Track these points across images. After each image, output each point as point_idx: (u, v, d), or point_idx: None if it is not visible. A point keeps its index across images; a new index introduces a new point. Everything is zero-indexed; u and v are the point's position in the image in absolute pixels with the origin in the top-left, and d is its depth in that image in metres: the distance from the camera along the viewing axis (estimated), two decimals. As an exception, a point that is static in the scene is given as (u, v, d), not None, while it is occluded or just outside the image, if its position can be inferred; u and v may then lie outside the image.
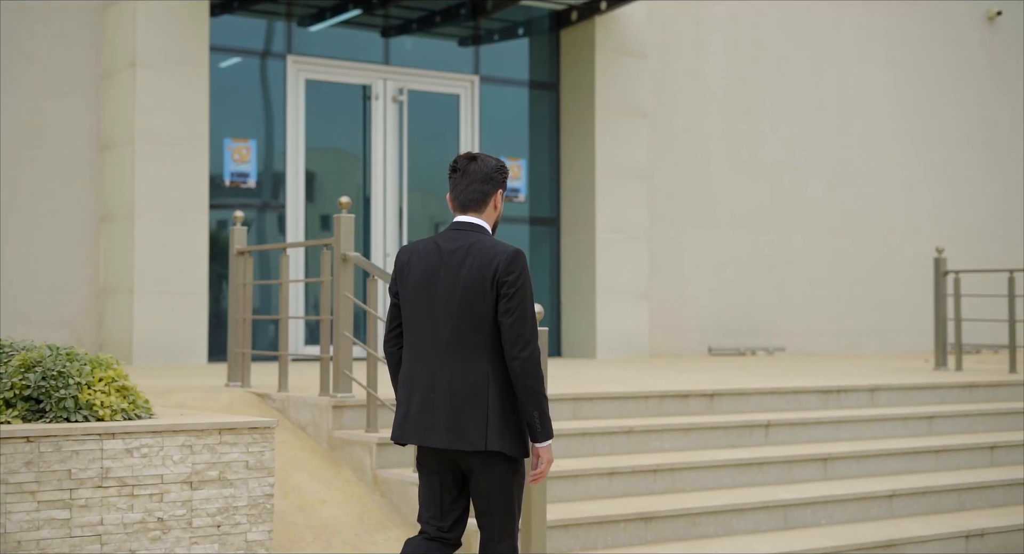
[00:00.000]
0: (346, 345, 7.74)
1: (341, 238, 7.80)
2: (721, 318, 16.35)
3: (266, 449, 5.49)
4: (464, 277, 4.69)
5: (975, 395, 10.44)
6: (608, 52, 14.88)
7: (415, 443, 4.76)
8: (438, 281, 4.73)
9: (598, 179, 14.77)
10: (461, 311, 4.68)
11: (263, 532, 5.50)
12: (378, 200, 13.99)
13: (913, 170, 18.17)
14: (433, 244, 4.81)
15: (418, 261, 4.80)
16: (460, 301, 4.68)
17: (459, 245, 4.75)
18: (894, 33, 18.11)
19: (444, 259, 4.74)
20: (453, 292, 4.70)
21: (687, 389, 8.99)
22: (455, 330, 4.68)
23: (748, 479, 8.08)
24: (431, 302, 4.73)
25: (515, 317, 4.64)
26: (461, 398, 4.65)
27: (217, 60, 13.00)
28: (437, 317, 4.72)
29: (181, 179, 12.39)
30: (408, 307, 4.81)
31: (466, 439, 4.63)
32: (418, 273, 4.78)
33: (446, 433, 4.65)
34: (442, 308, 4.71)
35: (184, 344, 12.34)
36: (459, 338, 4.68)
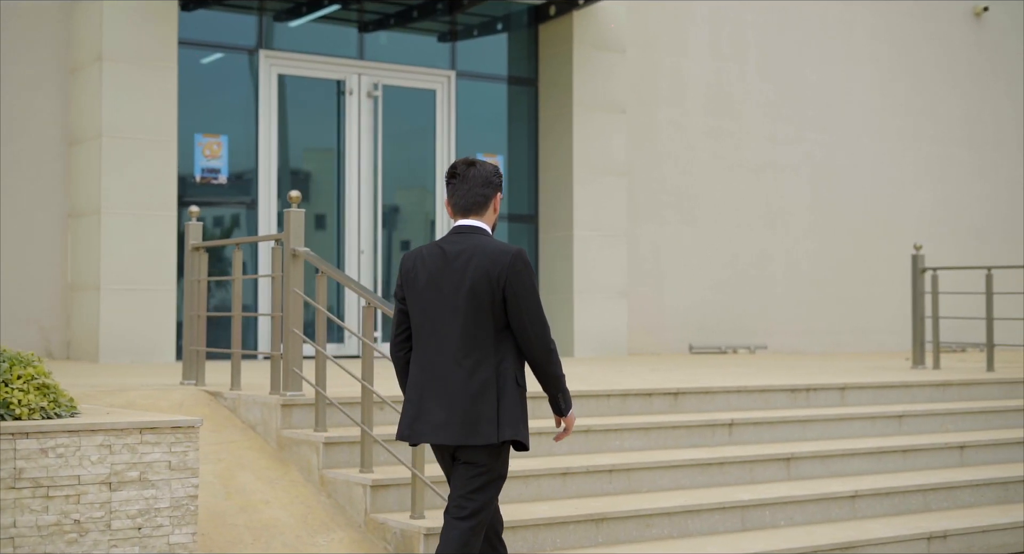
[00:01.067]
0: (296, 343, 7.58)
1: (291, 233, 7.64)
2: (702, 316, 16.19)
3: (190, 449, 5.34)
4: (470, 277, 4.88)
5: (948, 394, 10.28)
6: (586, 47, 14.72)
7: (427, 442, 4.96)
8: (444, 283, 4.92)
9: (576, 176, 14.61)
10: (468, 310, 4.88)
11: (186, 534, 5.34)
12: (352, 196, 13.82)
13: (898, 168, 18.00)
14: (437, 248, 4.99)
15: (423, 266, 4.98)
16: (467, 300, 4.88)
17: (463, 247, 4.94)
18: (879, 29, 17.93)
19: (449, 262, 4.93)
20: (459, 292, 4.89)
21: (650, 388, 8.83)
22: (463, 329, 4.88)
23: (707, 480, 7.92)
24: (439, 304, 4.93)
25: (528, 316, 4.89)
26: (472, 396, 4.86)
27: (187, 55, 12.84)
28: (445, 318, 4.91)
29: (149, 175, 12.24)
30: (416, 310, 4.99)
31: (478, 434, 4.85)
32: (424, 277, 4.97)
33: (458, 429, 4.86)
34: (450, 309, 4.90)
35: (151, 342, 12.18)
36: (467, 336, 4.88)
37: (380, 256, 13.88)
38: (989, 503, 8.59)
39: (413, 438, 5.00)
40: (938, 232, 18.14)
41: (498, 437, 4.85)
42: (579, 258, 14.60)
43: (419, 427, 4.96)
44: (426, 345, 4.96)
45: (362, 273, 13.80)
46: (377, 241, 13.88)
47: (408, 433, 5.00)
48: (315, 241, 13.95)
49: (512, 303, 4.88)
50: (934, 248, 17.61)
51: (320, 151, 13.95)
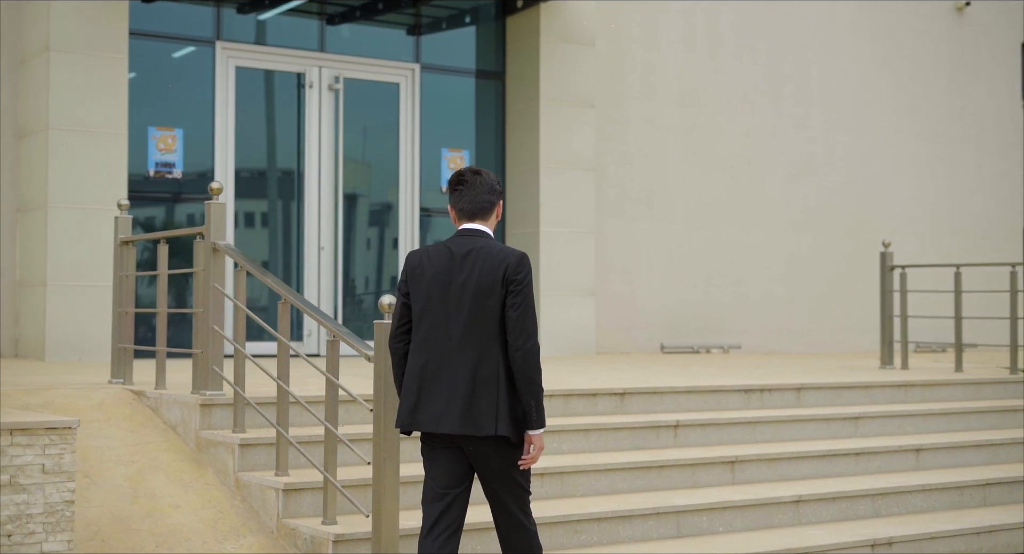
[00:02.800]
0: (216, 340, 7.29)
1: (212, 226, 7.36)
2: (674, 315, 15.89)
3: (66, 451, 5.05)
4: (477, 277, 5.10)
5: (909, 395, 9.98)
6: (553, 40, 14.42)
7: (426, 430, 5.12)
8: (451, 281, 5.13)
9: (542, 171, 14.31)
10: (473, 308, 5.09)
11: (62, 542, 5.05)
12: (312, 192, 13.52)
13: (877, 164, 17.69)
14: (444, 248, 5.22)
15: (430, 263, 5.19)
16: (473, 299, 5.10)
17: (471, 248, 5.17)
18: (860, 24, 17.63)
19: (456, 260, 5.16)
20: (466, 290, 5.11)
21: (595, 388, 8.53)
22: (467, 326, 5.09)
23: (646, 484, 7.62)
24: (445, 300, 5.13)
25: (520, 311, 5.08)
26: (474, 388, 5.05)
27: (141, 46, 12.54)
28: (450, 314, 5.11)
29: (98, 169, 11.93)
30: (420, 305, 5.17)
31: (478, 425, 5.03)
32: (431, 273, 5.17)
33: (458, 420, 5.04)
34: (455, 305, 5.11)
35: (99, 339, 11.82)
36: (471, 333, 5.09)
37: (341, 253, 13.58)
38: (942, 508, 8.30)
39: (413, 427, 5.15)
40: (917, 230, 17.85)
41: (496, 430, 5.02)
42: (545, 255, 14.30)
43: (419, 417, 5.12)
44: (429, 338, 5.14)
45: (322, 270, 13.50)
46: (338, 238, 13.58)
47: (408, 421, 5.15)
48: (274, 238, 13.66)
49: (511, 303, 5.08)
50: (913, 246, 17.33)
51: (279, 145, 13.64)
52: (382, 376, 5.78)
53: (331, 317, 6.21)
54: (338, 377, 6.26)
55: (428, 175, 14.23)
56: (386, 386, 5.78)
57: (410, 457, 7.11)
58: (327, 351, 6.29)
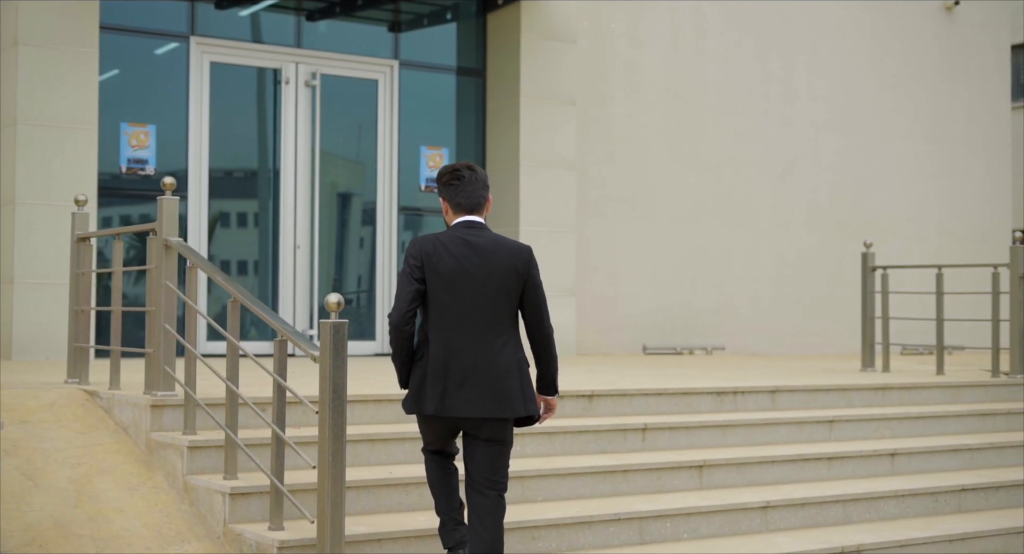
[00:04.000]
0: (168, 339, 7.10)
1: (164, 223, 7.15)
2: (657, 316, 15.70)
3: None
4: (499, 267, 5.42)
5: (887, 398, 9.79)
6: (534, 37, 14.23)
7: (460, 415, 5.41)
8: (473, 271, 5.40)
9: (522, 169, 14.12)
10: (496, 296, 5.41)
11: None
12: (288, 190, 13.33)
13: (865, 164, 17.51)
14: (458, 238, 5.46)
15: (447, 252, 5.42)
16: (497, 287, 5.41)
17: (486, 240, 5.49)
18: (847, 22, 17.44)
19: (476, 250, 5.43)
20: (490, 280, 5.41)
21: (563, 390, 8.31)
22: (489, 313, 5.41)
23: (610, 488, 7.43)
24: (468, 288, 5.40)
25: (542, 298, 5.54)
26: (501, 373, 5.40)
27: (110, 40, 12.34)
28: (476, 301, 5.40)
29: (67, 165, 11.75)
30: (440, 292, 5.41)
31: (509, 408, 5.42)
32: (451, 262, 5.41)
33: (492, 404, 5.40)
34: (478, 294, 5.40)
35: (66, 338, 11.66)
36: (492, 320, 5.41)
37: (317, 251, 13.38)
38: (915, 515, 8.10)
39: (445, 412, 5.40)
40: (905, 231, 17.68)
41: (524, 411, 5.45)
42: (525, 255, 14.08)
43: (450, 402, 5.40)
44: (452, 325, 5.41)
45: (298, 269, 13.31)
46: (314, 236, 13.38)
47: (440, 407, 5.41)
48: (250, 236, 13.48)
49: (530, 292, 5.49)
50: (901, 247, 17.16)
51: (255, 142, 13.45)
52: (327, 377, 5.57)
53: (279, 316, 6.01)
54: (286, 378, 6.06)
55: (407, 173, 14.05)
56: (334, 388, 5.57)
57: (358, 461, 6.94)
58: (275, 351, 6.10)
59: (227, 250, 13.36)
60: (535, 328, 5.56)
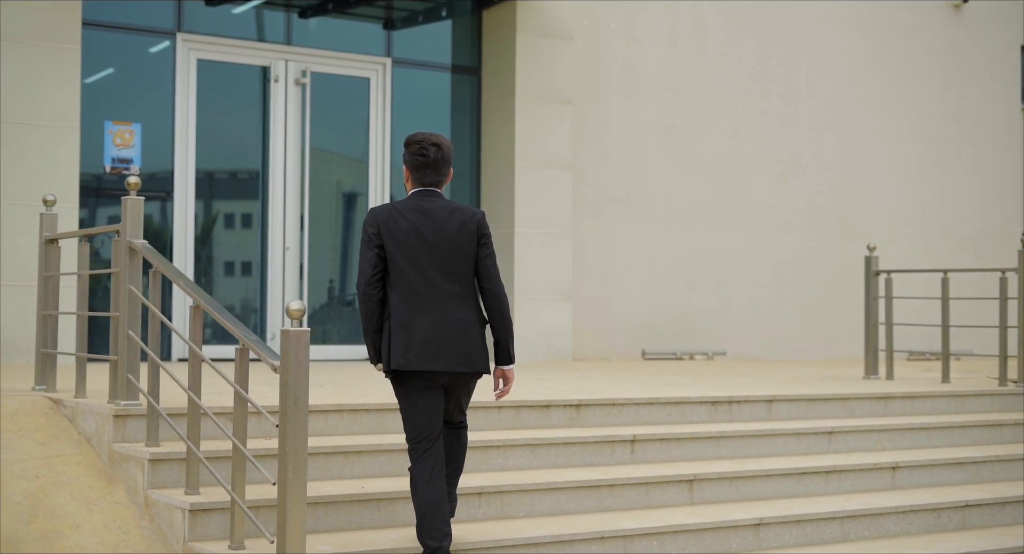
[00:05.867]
0: (132, 346, 6.78)
1: (128, 224, 6.84)
2: (656, 320, 15.36)
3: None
4: (454, 229, 5.71)
5: (890, 408, 9.44)
6: (529, 34, 13.90)
7: (423, 369, 5.65)
8: (428, 234, 5.69)
9: (517, 169, 13.79)
10: (452, 257, 5.72)
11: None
12: (278, 190, 13.01)
13: (867, 165, 17.14)
14: (412, 204, 5.75)
15: (403, 218, 5.71)
16: (451, 250, 5.71)
17: (439, 205, 5.75)
18: (850, 20, 17.08)
19: (430, 215, 5.71)
20: (445, 241, 5.70)
21: (550, 399, 8.01)
22: (446, 274, 5.71)
23: (595, 504, 7.09)
24: (425, 250, 5.69)
25: (492, 260, 5.84)
26: (463, 330, 5.70)
27: (94, 37, 12.03)
28: (430, 264, 5.69)
29: (49, 163, 11.42)
30: (399, 257, 5.68)
31: (471, 364, 5.72)
32: (406, 227, 5.69)
33: (454, 359, 5.68)
34: (434, 256, 5.69)
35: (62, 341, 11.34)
36: (449, 281, 5.71)
37: (307, 253, 13.06)
38: (916, 532, 7.75)
39: (408, 366, 5.63)
40: (909, 233, 17.31)
41: (485, 367, 5.77)
42: (520, 257, 13.78)
43: (412, 357, 5.63)
44: (412, 286, 5.68)
45: (287, 270, 12.99)
46: (304, 238, 13.07)
47: (403, 362, 5.63)
48: (238, 237, 13.18)
49: (483, 253, 5.79)
50: (905, 250, 16.80)
51: (243, 141, 13.13)
52: (289, 388, 5.24)
53: (241, 323, 5.70)
54: (247, 388, 5.74)
55: (400, 173, 13.71)
56: (294, 400, 5.25)
57: (320, 475, 6.62)
58: (236, 360, 5.78)
59: (216, 251, 13.04)
60: (487, 291, 5.82)
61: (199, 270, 12.84)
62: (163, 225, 12.53)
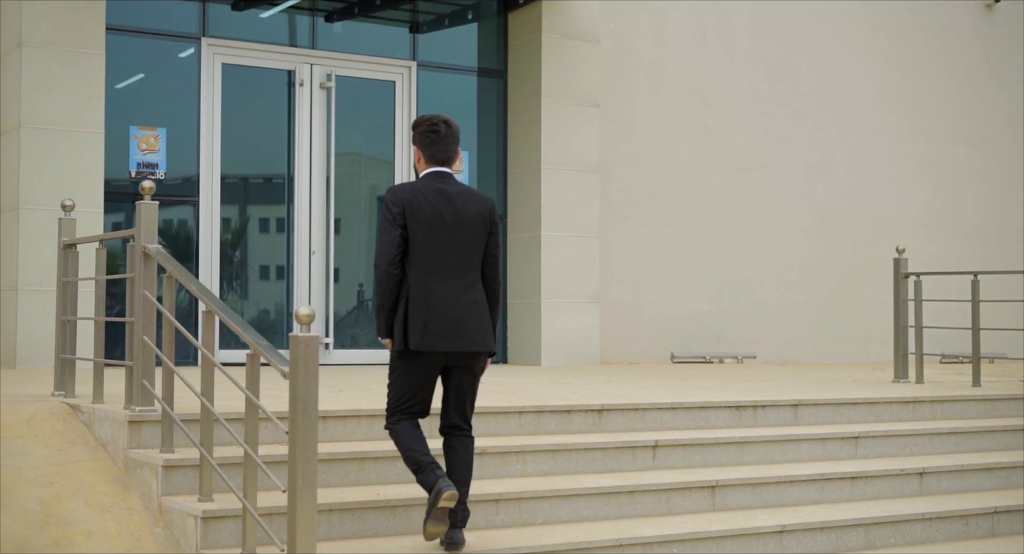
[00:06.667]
0: (147, 352, 6.74)
1: (143, 229, 6.79)
2: (685, 324, 15.25)
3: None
4: (471, 214, 5.86)
5: (918, 412, 9.30)
6: (555, 36, 13.82)
7: (440, 349, 5.78)
8: (449, 217, 5.82)
9: (543, 172, 13.71)
10: (468, 241, 5.87)
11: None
12: (303, 194, 12.99)
13: (897, 167, 16.97)
14: (434, 186, 5.86)
15: (425, 200, 5.82)
16: (468, 234, 5.86)
17: (458, 189, 5.91)
18: (880, 19, 16.92)
19: (450, 199, 5.85)
20: (463, 226, 5.85)
21: (571, 404, 7.92)
22: (462, 257, 5.85)
23: (614, 511, 7.00)
24: (444, 233, 5.81)
25: (498, 248, 6.00)
26: (477, 311, 5.86)
27: (119, 42, 12.03)
28: (451, 245, 5.83)
29: (73, 169, 11.46)
30: (422, 237, 5.80)
31: (483, 343, 5.87)
32: (429, 209, 5.81)
33: (469, 338, 5.82)
34: (453, 239, 5.83)
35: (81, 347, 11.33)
36: (464, 263, 5.86)
37: (332, 257, 13.02)
38: (944, 539, 7.61)
39: (426, 346, 5.75)
40: (939, 235, 17.12)
41: (494, 347, 5.93)
42: (547, 260, 13.69)
43: (429, 338, 5.75)
44: (431, 268, 5.80)
45: (313, 275, 12.96)
46: (329, 242, 13.04)
47: (421, 343, 5.75)
48: (264, 242, 13.16)
49: (493, 242, 5.95)
50: (933, 251, 16.59)
51: (268, 145, 13.11)
52: (299, 394, 5.18)
53: (251, 328, 5.64)
54: (258, 394, 5.68)
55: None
56: (303, 406, 5.18)
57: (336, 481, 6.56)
58: (247, 365, 5.72)
59: (242, 255, 13.02)
60: (490, 279, 5.99)
61: (228, 274, 12.84)
62: (189, 230, 12.52)
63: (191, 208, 12.51)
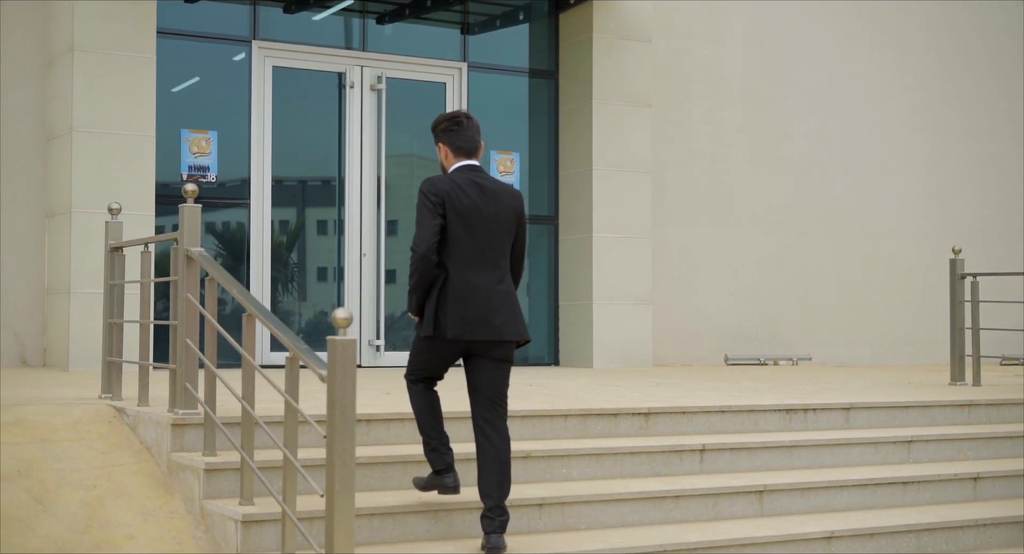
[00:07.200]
0: (190, 355, 6.74)
1: (186, 232, 6.80)
2: (739, 325, 15.10)
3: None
4: (505, 207, 6.03)
5: (973, 416, 9.12)
6: (607, 36, 13.72)
7: (480, 338, 5.92)
8: (485, 209, 5.97)
9: (595, 173, 13.62)
10: (502, 233, 6.02)
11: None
12: (354, 196, 12.99)
13: (953, 166, 16.72)
14: (469, 179, 6.00)
15: (463, 193, 5.96)
16: (504, 225, 6.02)
17: (491, 183, 6.05)
18: (933, 17, 16.67)
19: (486, 192, 6.00)
20: (498, 218, 6.00)
21: (618, 407, 7.84)
22: (496, 248, 6.00)
23: (660, 515, 6.90)
24: (481, 225, 5.96)
25: (525, 242, 6.19)
26: (511, 302, 6.02)
27: (170, 45, 12.09)
28: (488, 237, 5.97)
29: (124, 172, 11.51)
30: (461, 229, 5.94)
31: (520, 332, 6.02)
32: (467, 202, 5.95)
33: (510, 328, 5.98)
34: (491, 230, 5.98)
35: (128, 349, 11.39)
36: (498, 255, 6.01)
37: (384, 259, 13.01)
38: (997, 546, 7.45)
39: (466, 336, 5.90)
40: (997, 235, 16.82)
41: (528, 334, 6.08)
42: (598, 262, 13.59)
43: (468, 326, 5.90)
44: (468, 257, 5.94)
45: (364, 277, 12.95)
46: (380, 244, 13.03)
47: (459, 332, 5.89)
48: (315, 244, 13.18)
49: (521, 235, 6.13)
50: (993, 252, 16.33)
51: (319, 148, 13.12)
52: (336, 398, 5.14)
53: (291, 331, 5.62)
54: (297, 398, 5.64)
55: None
56: (341, 410, 5.13)
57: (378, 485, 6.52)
58: (286, 369, 5.69)
59: (293, 258, 13.05)
60: (516, 266, 6.17)
61: (283, 276, 12.87)
62: (240, 232, 12.56)
63: (244, 210, 12.54)
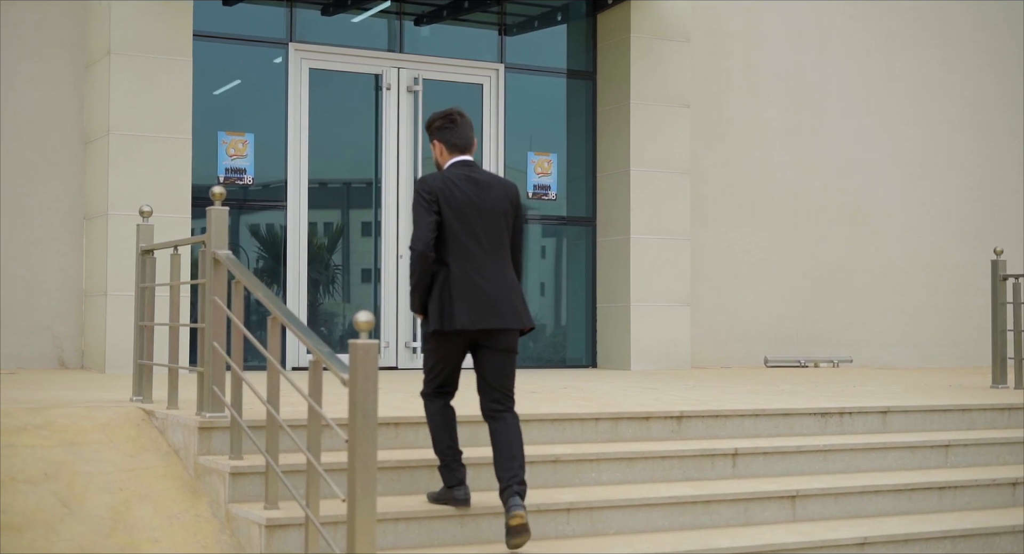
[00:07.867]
0: (217, 358, 6.72)
1: (213, 235, 6.78)
2: (779, 327, 14.96)
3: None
4: (502, 200, 6.18)
5: (1013, 419, 8.97)
6: (645, 37, 13.63)
7: (486, 327, 6.04)
8: (481, 203, 6.12)
9: (633, 174, 13.53)
10: (501, 225, 6.17)
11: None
12: (391, 198, 12.97)
13: (997, 166, 16.49)
14: (463, 175, 6.17)
15: (457, 188, 6.12)
16: (501, 217, 6.17)
17: (486, 177, 6.25)
18: (981, 16, 16.46)
19: (480, 186, 6.16)
20: (495, 211, 6.15)
21: (649, 410, 7.76)
22: (495, 240, 6.14)
23: (690, 521, 6.82)
24: (478, 219, 6.10)
25: (524, 233, 6.52)
26: (515, 291, 6.16)
27: (206, 48, 12.11)
28: (486, 230, 6.12)
29: (161, 175, 11.54)
30: (457, 223, 6.08)
31: (524, 320, 6.16)
32: (461, 197, 6.10)
33: (513, 316, 6.11)
34: (488, 223, 6.12)
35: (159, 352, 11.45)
36: (498, 246, 6.15)
37: (420, 261, 12.96)
38: (1036, 552, 7.33)
39: (474, 325, 6.01)
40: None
41: (531, 322, 6.21)
42: (636, 263, 13.50)
43: (476, 316, 6.02)
44: (469, 252, 6.07)
45: (401, 279, 12.92)
46: (417, 247, 12.97)
47: (466, 322, 6.01)
48: (352, 246, 13.17)
49: (519, 226, 6.29)
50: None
51: (356, 150, 13.12)
52: (358, 402, 5.10)
53: (314, 334, 5.59)
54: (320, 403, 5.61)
55: (513, 180, 13.54)
56: (363, 414, 5.10)
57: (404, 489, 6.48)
58: (310, 372, 5.66)
59: (330, 260, 13.05)
60: (515, 256, 6.29)
61: (323, 278, 12.88)
62: (277, 235, 12.57)
63: (281, 212, 12.54)
